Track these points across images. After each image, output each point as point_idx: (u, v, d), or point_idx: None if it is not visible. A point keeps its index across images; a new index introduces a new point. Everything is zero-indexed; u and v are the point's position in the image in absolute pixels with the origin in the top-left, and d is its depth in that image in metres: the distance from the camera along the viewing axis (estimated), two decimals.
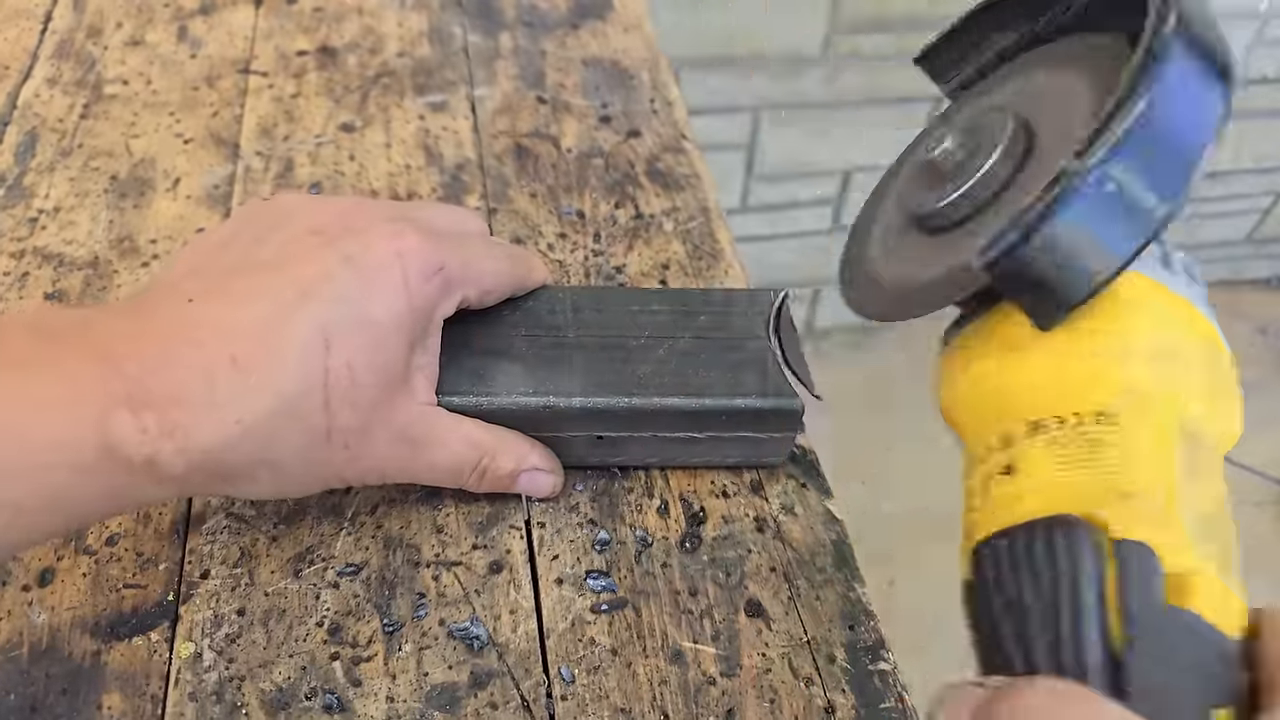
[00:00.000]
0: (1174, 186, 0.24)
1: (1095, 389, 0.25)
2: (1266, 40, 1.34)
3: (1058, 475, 0.24)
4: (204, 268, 0.30)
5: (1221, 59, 0.24)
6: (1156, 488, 0.23)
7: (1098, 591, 0.21)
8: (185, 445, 0.26)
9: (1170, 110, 0.23)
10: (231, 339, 0.27)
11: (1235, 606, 0.22)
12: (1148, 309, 0.26)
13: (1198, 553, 0.22)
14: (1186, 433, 0.24)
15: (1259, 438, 1.60)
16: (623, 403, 0.34)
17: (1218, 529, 0.23)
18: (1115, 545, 0.22)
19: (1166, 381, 0.25)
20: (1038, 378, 0.26)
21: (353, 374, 0.28)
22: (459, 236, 0.34)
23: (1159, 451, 0.24)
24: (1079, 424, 0.25)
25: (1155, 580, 0.21)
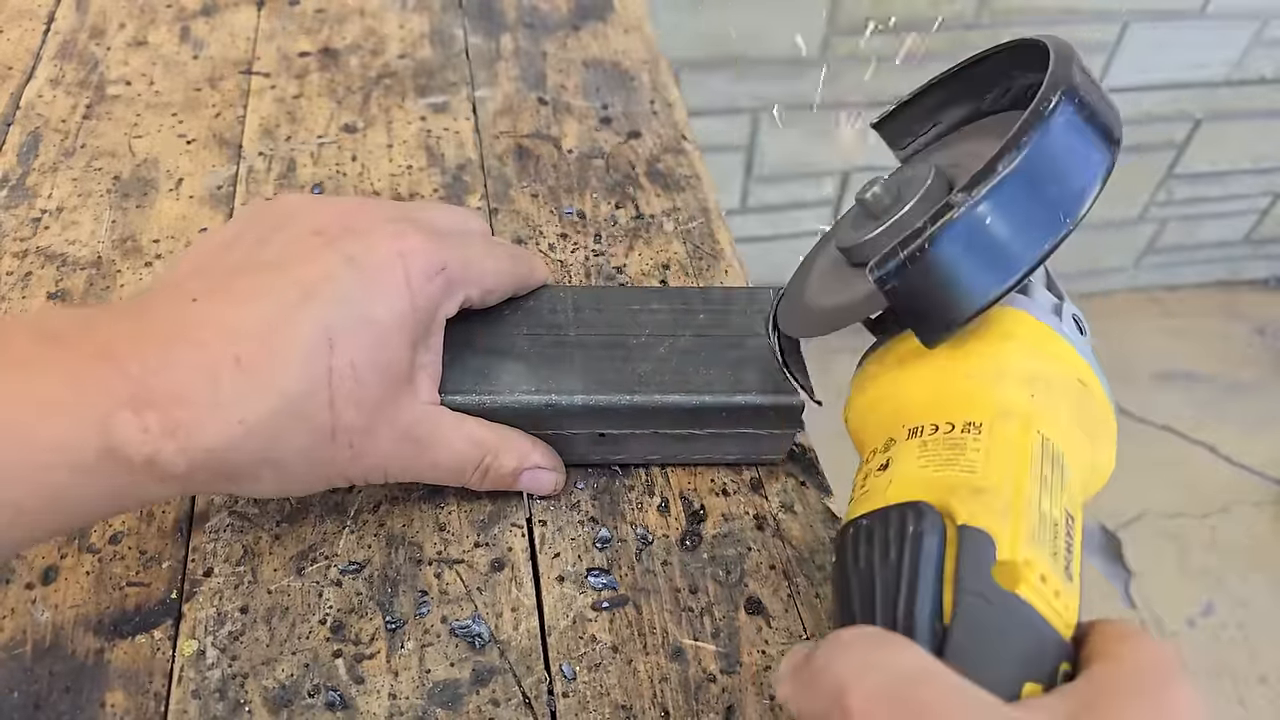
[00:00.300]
0: (1050, 228, 0.27)
1: (968, 403, 0.28)
2: (1266, 40, 1.34)
3: (922, 471, 0.27)
4: (207, 268, 0.30)
5: (1104, 122, 0.28)
6: (1005, 486, 0.25)
7: (937, 568, 0.25)
8: (188, 445, 0.26)
9: (1051, 161, 0.26)
10: (235, 339, 0.27)
11: (1064, 605, 0.25)
12: (1026, 341, 0.29)
13: (1034, 548, 0.25)
14: (1048, 453, 0.27)
15: (1259, 438, 1.61)
16: (624, 400, 0.34)
17: (1059, 539, 0.25)
18: (959, 530, 0.25)
19: (1034, 405, 0.28)
20: (921, 390, 0.30)
21: (356, 373, 0.28)
22: (461, 236, 0.34)
23: (1015, 459, 0.26)
24: (949, 432, 0.28)
25: (988, 563, 0.24)
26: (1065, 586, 0.25)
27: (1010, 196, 0.26)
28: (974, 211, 0.26)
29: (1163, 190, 1.54)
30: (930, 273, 0.27)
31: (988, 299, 0.27)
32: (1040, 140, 0.26)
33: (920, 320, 0.28)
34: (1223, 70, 1.37)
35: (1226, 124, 1.45)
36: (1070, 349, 0.29)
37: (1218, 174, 1.53)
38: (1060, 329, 0.30)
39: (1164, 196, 1.55)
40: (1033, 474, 0.26)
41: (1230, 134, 1.47)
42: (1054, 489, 0.26)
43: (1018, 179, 0.26)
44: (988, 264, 0.27)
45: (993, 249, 0.27)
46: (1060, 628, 0.24)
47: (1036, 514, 0.25)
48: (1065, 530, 0.26)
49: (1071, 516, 0.26)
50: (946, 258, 0.26)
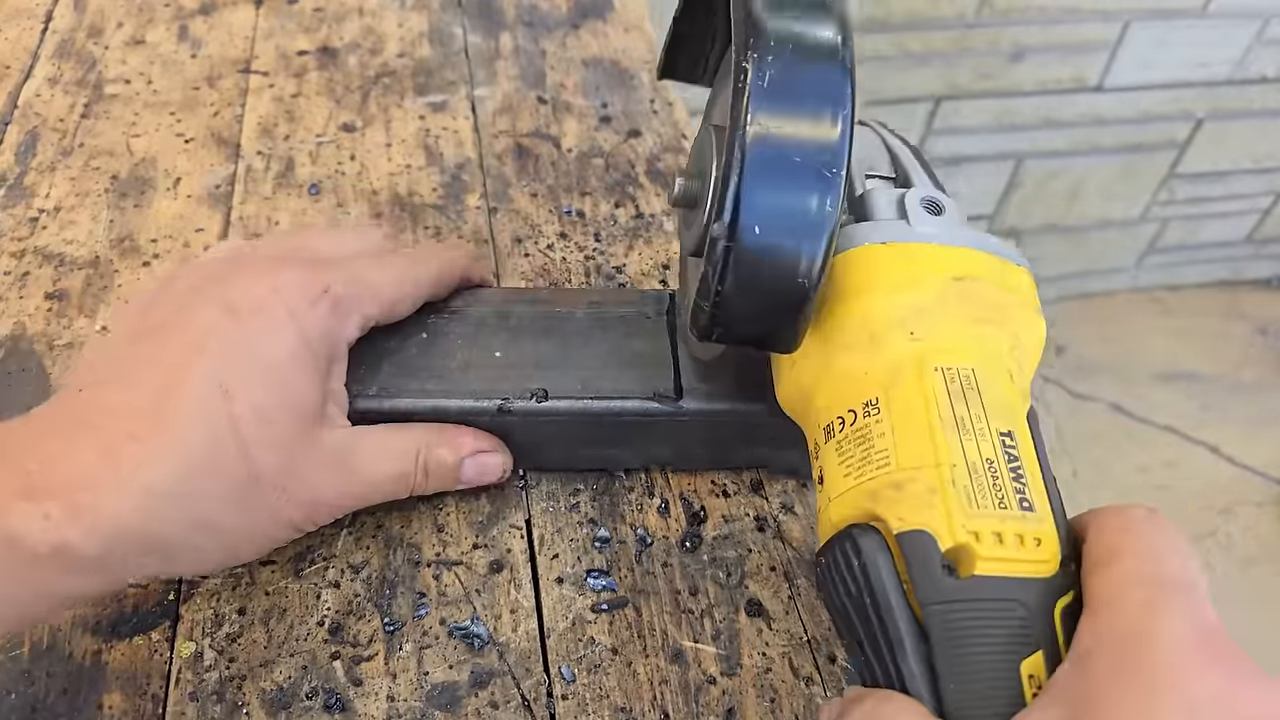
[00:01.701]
0: (822, 165, 0.25)
1: (856, 381, 0.27)
2: (1267, 39, 1.34)
3: (845, 481, 0.26)
4: (95, 360, 0.30)
5: (813, 38, 0.25)
6: (922, 463, 0.24)
7: (898, 591, 0.24)
8: (95, 524, 0.25)
9: (777, 127, 0.24)
10: (126, 416, 0.27)
11: (1034, 539, 0.24)
12: (879, 278, 0.27)
13: (975, 514, 0.24)
14: (954, 385, 0.25)
15: (1261, 438, 1.61)
16: (566, 404, 0.33)
17: (1001, 476, 0.24)
18: (897, 540, 0.24)
19: (918, 344, 0.26)
20: (811, 383, 0.28)
21: (260, 415, 0.28)
22: (347, 258, 0.33)
23: (920, 420, 0.25)
24: (854, 421, 0.26)
25: (935, 562, 0.23)
26: (1026, 520, 0.24)
27: (760, 179, 0.24)
28: (740, 208, 0.24)
29: (1164, 190, 1.54)
30: (743, 298, 0.25)
31: (812, 264, 0.25)
32: (753, 129, 0.24)
33: (762, 340, 0.27)
34: (1224, 69, 1.37)
35: (1228, 123, 1.45)
36: (928, 249, 0.27)
37: (1219, 173, 1.53)
38: (910, 234, 0.28)
39: (1165, 196, 1.55)
40: (945, 424, 0.25)
41: (1232, 133, 1.46)
42: (975, 421, 0.25)
43: (755, 165, 0.24)
44: (792, 226, 0.25)
45: (783, 216, 0.25)
46: (1039, 568, 0.23)
47: (965, 471, 0.24)
48: (1005, 459, 0.24)
49: (1008, 434, 0.25)
50: (751, 259, 0.25)
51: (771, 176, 0.24)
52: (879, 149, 0.32)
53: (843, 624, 0.25)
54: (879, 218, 0.29)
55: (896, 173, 0.31)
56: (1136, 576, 0.22)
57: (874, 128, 0.33)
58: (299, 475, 0.29)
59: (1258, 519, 1.40)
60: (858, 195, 0.30)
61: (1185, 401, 1.54)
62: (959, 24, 1.22)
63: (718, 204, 0.25)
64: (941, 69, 1.26)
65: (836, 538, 0.25)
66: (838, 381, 0.27)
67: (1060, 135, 1.40)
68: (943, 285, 0.27)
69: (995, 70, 1.28)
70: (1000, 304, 0.27)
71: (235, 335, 0.29)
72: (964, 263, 0.27)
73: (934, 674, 0.23)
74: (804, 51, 0.25)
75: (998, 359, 0.27)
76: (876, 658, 0.24)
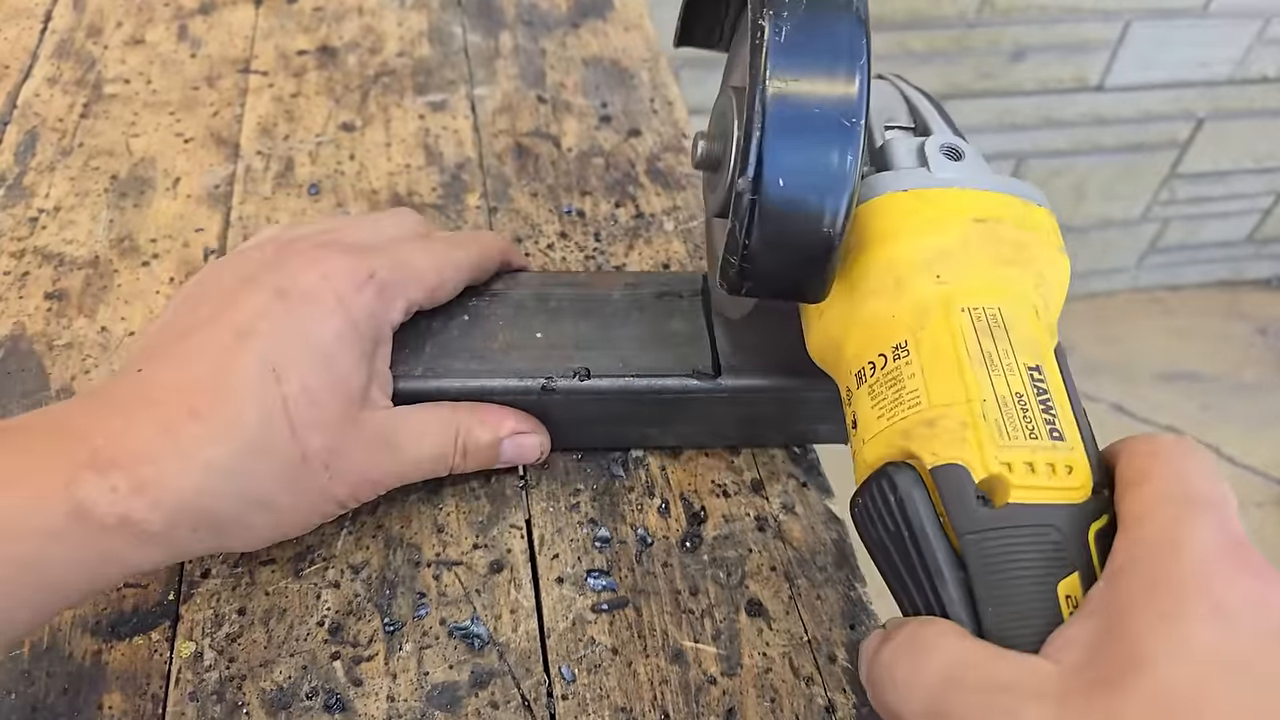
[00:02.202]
0: (841, 116, 0.25)
1: (885, 326, 0.27)
2: (1268, 39, 1.34)
3: (879, 423, 0.27)
4: (151, 345, 0.31)
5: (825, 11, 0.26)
6: (955, 404, 0.25)
7: (935, 524, 0.24)
8: (158, 498, 0.26)
9: (792, 88, 0.25)
10: (186, 393, 0.28)
11: (1065, 467, 0.24)
12: (903, 224, 0.27)
13: (1007, 445, 0.24)
14: (981, 324, 0.26)
15: (1262, 438, 1.61)
16: (605, 383, 0.34)
17: (1031, 407, 0.25)
18: (931, 474, 0.24)
19: (944, 286, 0.27)
20: (841, 332, 0.29)
21: (309, 396, 0.29)
22: (389, 243, 0.34)
23: (950, 359, 0.26)
24: (884, 365, 0.27)
25: (970, 493, 0.24)
26: (1057, 449, 0.24)
27: (782, 132, 0.25)
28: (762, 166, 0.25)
29: (1165, 190, 1.54)
30: (770, 254, 0.26)
31: (836, 213, 0.26)
32: (772, 84, 0.25)
33: (794, 291, 0.27)
34: (1225, 69, 1.37)
35: (1229, 123, 1.44)
36: (949, 194, 0.28)
37: (1220, 173, 1.53)
38: (931, 180, 0.28)
39: (1166, 196, 1.55)
40: (973, 361, 0.25)
41: (1233, 133, 1.46)
42: (1003, 357, 0.25)
43: (776, 119, 0.25)
44: (815, 177, 0.25)
45: (806, 168, 0.25)
46: (1072, 495, 0.24)
47: (995, 405, 0.25)
48: (1034, 392, 0.25)
49: (1036, 368, 0.26)
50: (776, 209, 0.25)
51: (792, 130, 0.25)
52: (897, 100, 0.33)
53: (882, 560, 0.26)
54: (899, 166, 0.29)
55: (915, 122, 0.31)
56: (1166, 494, 0.23)
57: (891, 80, 0.34)
58: (345, 455, 0.30)
59: (1257, 519, 1.40)
60: (878, 146, 0.31)
61: (1186, 401, 1.54)
62: (960, 23, 1.21)
63: (741, 160, 0.25)
64: (942, 68, 1.26)
65: (873, 477, 0.26)
66: (866, 328, 0.28)
67: (1061, 135, 1.39)
68: (965, 228, 0.27)
69: (996, 70, 1.28)
70: (1023, 243, 0.27)
71: (285, 319, 0.29)
72: (985, 205, 0.28)
73: (973, 599, 0.23)
74: (818, 6, 0.25)
75: (1023, 297, 0.27)
76: (917, 589, 0.25)
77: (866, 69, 0.25)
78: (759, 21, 0.25)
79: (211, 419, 0.27)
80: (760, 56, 0.25)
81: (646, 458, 0.38)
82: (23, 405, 0.37)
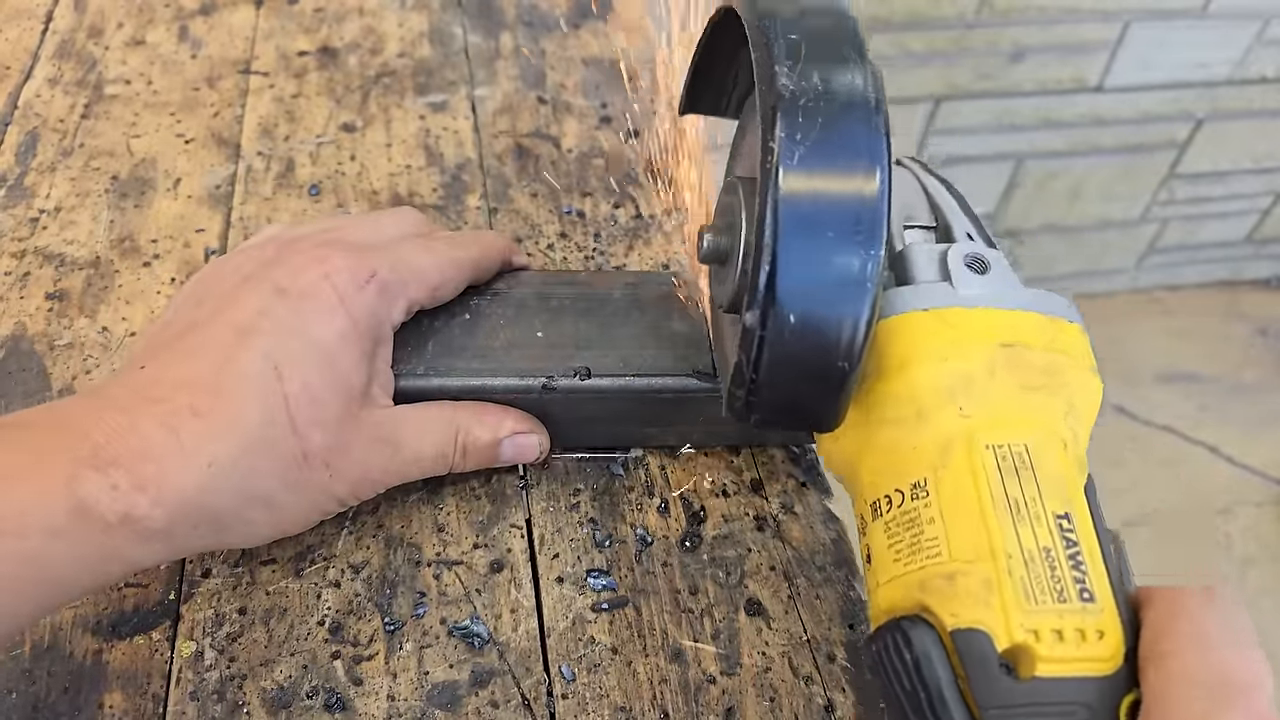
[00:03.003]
0: (862, 225, 0.23)
1: (904, 460, 0.25)
2: (1267, 40, 1.34)
3: (894, 567, 0.25)
4: (154, 342, 0.31)
5: (843, 92, 0.23)
6: (979, 559, 0.23)
7: (953, 689, 0.22)
8: (160, 496, 0.26)
9: (809, 194, 0.23)
10: (187, 390, 0.28)
11: (1095, 634, 0.22)
12: (926, 349, 0.25)
13: (1033, 611, 0.22)
14: (1007, 463, 0.24)
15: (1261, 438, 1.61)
16: (606, 382, 0.34)
17: (1059, 564, 0.23)
18: (951, 637, 0.23)
19: (967, 420, 0.25)
20: (855, 455, 0.27)
21: (310, 395, 0.29)
22: (390, 242, 0.34)
23: (972, 504, 0.24)
24: (901, 502, 0.25)
25: (994, 663, 0.22)
26: (1088, 612, 0.22)
27: (793, 266, 0.23)
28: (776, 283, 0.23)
29: (1164, 190, 1.54)
30: (778, 382, 0.24)
31: (851, 349, 0.24)
32: (786, 189, 0.23)
33: (802, 409, 0.26)
34: (1224, 70, 1.37)
35: (1228, 124, 1.45)
36: (974, 315, 0.26)
37: (1219, 174, 1.53)
38: (954, 299, 0.26)
39: (1165, 196, 1.55)
40: (998, 509, 0.23)
41: (1232, 134, 1.46)
42: (1030, 505, 0.24)
43: (788, 252, 0.23)
44: (829, 313, 0.24)
45: (819, 303, 0.24)
46: (1102, 666, 0.22)
47: (1022, 562, 0.23)
48: (1063, 544, 0.23)
49: (1064, 516, 0.24)
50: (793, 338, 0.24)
51: (806, 259, 0.23)
52: (916, 193, 0.30)
53: (895, 715, 0.24)
54: (920, 279, 0.27)
55: (936, 220, 0.29)
56: (1192, 677, 0.21)
57: (909, 167, 0.32)
58: (345, 453, 0.30)
59: (1257, 519, 1.40)
60: (897, 251, 0.29)
61: (1185, 402, 1.54)
62: (959, 24, 1.22)
63: (750, 290, 0.24)
64: (942, 69, 1.26)
65: (887, 626, 0.24)
66: (883, 457, 0.26)
67: (1060, 135, 1.40)
68: (991, 353, 0.25)
69: (995, 70, 1.28)
70: (1052, 369, 0.26)
71: (287, 317, 0.30)
72: (1012, 327, 0.26)
73: None
74: (834, 122, 0.23)
75: (1051, 430, 0.25)
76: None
77: (888, 191, 0.23)
78: (769, 142, 0.23)
79: (213, 417, 0.28)
80: (771, 181, 0.23)
81: (646, 457, 0.38)
82: (24, 405, 0.37)
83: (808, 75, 0.24)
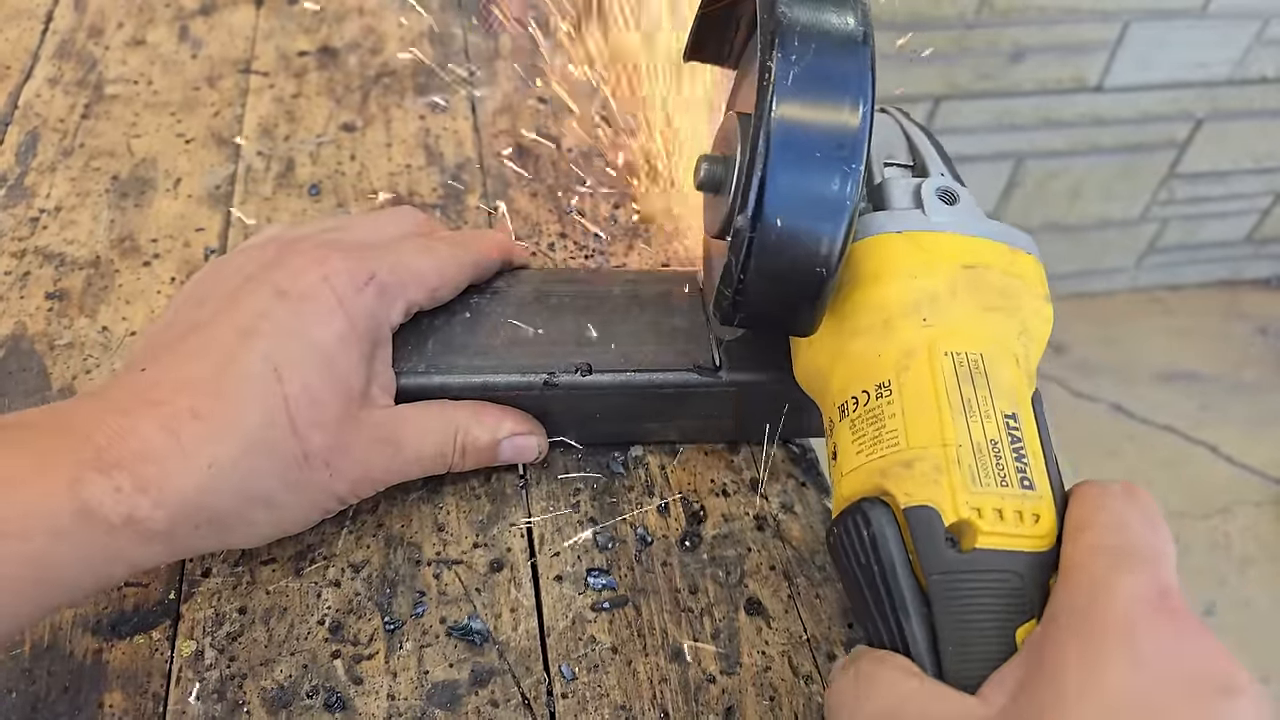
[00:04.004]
0: (844, 149, 0.26)
1: (870, 364, 0.28)
2: (1267, 39, 1.34)
3: (858, 458, 0.27)
4: (155, 343, 0.31)
5: (834, 31, 0.26)
6: (932, 448, 0.26)
7: (904, 561, 0.25)
8: (162, 497, 0.26)
9: (802, 110, 0.26)
10: (187, 392, 0.28)
11: (1032, 516, 0.25)
12: (895, 266, 0.28)
13: (978, 492, 0.25)
14: (963, 369, 0.27)
15: (1261, 438, 1.61)
16: (606, 378, 0.34)
17: (1004, 455, 0.26)
18: (904, 514, 0.25)
19: (930, 329, 0.27)
20: (828, 364, 0.29)
21: (310, 396, 0.29)
22: (390, 243, 0.34)
23: (930, 402, 0.26)
24: (867, 402, 0.28)
25: (940, 535, 0.25)
26: (1026, 497, 0.25)
27: (783, 174, 0.26)
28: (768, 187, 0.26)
29: (1164, 190, 1.54)
30: (764, 286, 0.27)
31: (830, 254, 0.26)
32: (778, 126, 0.25)
33: (783, 309, 0.28)
34: (1224, 70, 1.37)
35: (1228, 123, 1.45)
36: (942, 238, 0.29)
37: (1219, 173, 1.53)
38: (924, 224, 0.29)
39: (1165, 196, 1.55)
40: (953, 406, 0.26)
41: (1232, 133, 1.46)
42: (981, 404, 0.26)
43: (779, 161, 0.26)
44: (813, 219, 0.26)
45: (805, 209, 0.26)
46: (1037, 543, 0.25)
47: (970, 452, 0.25)
48: (1009, 440, 0.26)
49: (1012, 416, 0.26)
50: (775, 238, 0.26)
51: (794, 172, 0.26)
52: (897, 136, 0.33)
53: (853, 591, 0.27)
54: (895, 207, 0.30)
55: (914, 160, 0.32)
56: (1102, 544, 0.24)
57: (893, 114, 0.34)
58: (345, 453, 0.30)
59: (1257, 519, 1.40)
60: (876, 183, 0.31)
61: (1185, 401, 1.54)
62: (959, 24, 1.22)
63: (742, 196, 0.26)
64: (942, 69, 1.26)
65: (848, 510, 0.27)
66: (852, 364, 0.28)
67: (1060, 135, 1.39)
68: (954, 273, 0.28)
69: (995, 70, 1.28)
70: (1009, 291, 0.28)
71: (287, 320, 0.30)
72: (975, 252, 0.28)
73: (935, 638, 0.24)
74: (827, 48, 0.26)
75: (1005, 344, 0.28)
76: (883, 623, 0.25)
77: (870, 115, 0.26)
78: (767, 62, 0.26)
79: (213, 418, 0.28)
80: (767, 98, 0.26)
81: (646, 457, 0.38)
82: (24, 405, 0.37)
83: (805, 7, 0.26)
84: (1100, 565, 0.23)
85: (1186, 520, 1.40)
